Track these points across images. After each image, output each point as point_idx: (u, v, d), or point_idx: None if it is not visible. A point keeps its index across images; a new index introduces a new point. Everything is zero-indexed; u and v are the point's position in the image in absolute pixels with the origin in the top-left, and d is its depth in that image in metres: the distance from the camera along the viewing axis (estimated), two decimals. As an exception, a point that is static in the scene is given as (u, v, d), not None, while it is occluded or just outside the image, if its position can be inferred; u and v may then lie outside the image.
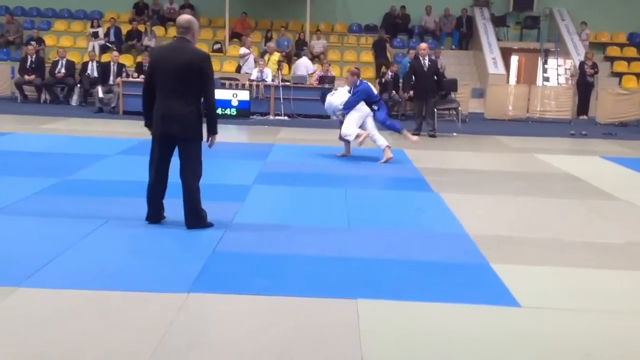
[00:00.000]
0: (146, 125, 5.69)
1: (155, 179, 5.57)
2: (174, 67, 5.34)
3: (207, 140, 5.62)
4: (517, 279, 4.57)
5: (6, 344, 3.35)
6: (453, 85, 14.71)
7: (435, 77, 12.69)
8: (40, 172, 7.67)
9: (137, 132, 6.25)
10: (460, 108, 14.41)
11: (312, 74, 16.07)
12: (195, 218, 5.54)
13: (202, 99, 5.46)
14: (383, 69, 16.99)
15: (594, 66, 17.07)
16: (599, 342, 3.63)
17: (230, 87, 14.62)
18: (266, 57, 16.20)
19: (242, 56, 16.86)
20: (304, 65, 16.43)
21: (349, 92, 9.67)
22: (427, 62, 12.55)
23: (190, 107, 5.39)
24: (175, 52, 5.44)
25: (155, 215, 5.68)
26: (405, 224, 6.09)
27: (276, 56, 16.42)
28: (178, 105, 5.37)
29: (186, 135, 5.43)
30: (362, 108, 9.52)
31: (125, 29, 19.17)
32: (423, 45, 13.07)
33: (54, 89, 16.06)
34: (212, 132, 5.59)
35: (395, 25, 20.34)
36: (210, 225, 5.60)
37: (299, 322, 3.76)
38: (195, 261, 4.69)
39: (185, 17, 5.58)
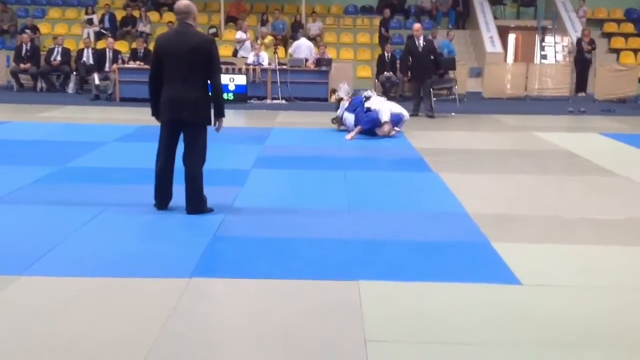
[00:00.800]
0: (153, 114, 5.64)
1: (164, 165, 5.55)
2: (182, 52, 5.36)
3: (214, 124, 5.61)
4: (518, 256, 4.57)
5: (8, 333, 3.35)
6: (451, 63, 14.65)
7: (433, 57, 12.64)
8: (38, 161, 7.65)
9: (134, 118, 6.24)
10: (456, 87, 14.36)
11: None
12: (197, 204, 5.54)
13: (208, 83, 5.46)
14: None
15: (592, 43, 16.99)
16: (601, 318, 3.64)
17: (227, 71, 14.55)
18: (259, 41, 16.10)
19: (239, 41, 16.74)
20: (306, 46, 16.03)
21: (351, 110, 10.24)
22: (422, 42, 12.50)
23: (198, 92, 5.42)
24: (181, 38, 5.42)
25: (164, 201, 5.64)
26: (405, 204, 6.08)
27: (268, 39, 16.30)
28: (187, 90, 5.38)
29: (195, 119, 5.45)
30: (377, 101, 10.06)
31: (119, 15, 19.05)
32: (416, 25, 13.01)
33: (50, 77, 15.98)
34: (221, 114, 5.60)
35: (392, 5, 20.22)
36: (210, 210, 5.60)
37: (301, 304, 3.76)
38: (196, 246, 4.69)
39: (183, 2, 5.51)
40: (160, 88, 5.47)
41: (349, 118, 10.24)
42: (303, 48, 15.88)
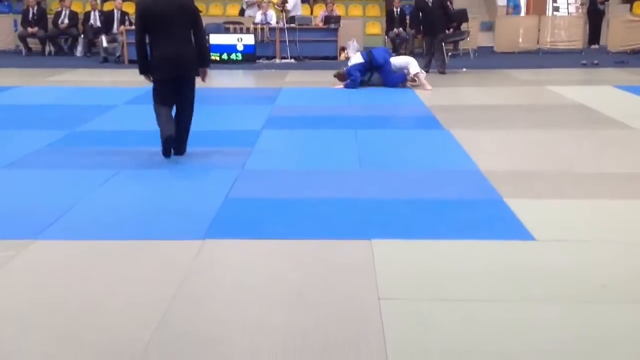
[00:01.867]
0: (142, 72, 6.00)
1: (166, 115, 5.96)
2: (171, 13, 5.81)
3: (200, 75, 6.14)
4: (532, 212, 4.55)
5: (25, 296, 3.39)
6: (463, 15, 14.40)
7: (444, 11, 12.44)
8: (48, 125, 7.65)
9: (144, 81, 6.22)
10: (468, 38, 14.18)
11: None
12: (185, 145, 6.12)
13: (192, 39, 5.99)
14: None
15: (605, -7, 16.67)
16: (616, 273, 3.63)
17: (235, 31, 14.41)
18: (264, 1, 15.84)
19: (248, 2, 16.41)
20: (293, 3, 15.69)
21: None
22: (430, -3, 12.28)
23: (189, 47, 5.97)
24: (166, 0, 5.82)
25: (170, 148, 6.04)
26: (417, 162, 6.05)
27: (276, -2, 16.08)
28: (181, 48, 5.89)
29: (189, 72, 6.01)
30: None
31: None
32: None
33: (57, 40, 15.90)
34: (207, 64, 6.22)
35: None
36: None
37: (314, 264, 3.77)
38: (209, 208, 4.70)
39: None
40: (146, 47, 5.92)
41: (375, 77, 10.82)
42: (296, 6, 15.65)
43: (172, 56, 5.85)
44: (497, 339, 2.94)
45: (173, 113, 6.09)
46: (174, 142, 6.00)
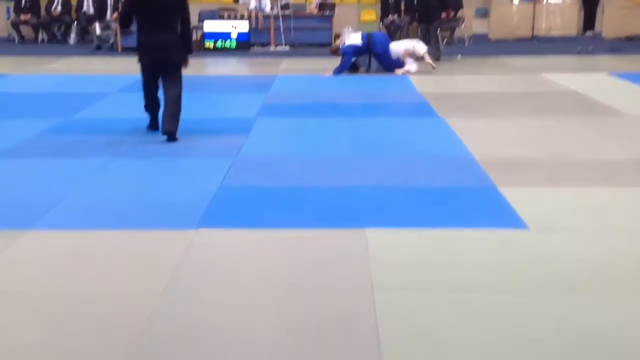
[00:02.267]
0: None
1: (152, 93, 6.47)
2: (160, 4, 6.17)
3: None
4: (525, 200, 4.56)
5: (16, 286, 3.38)
6: (458, 2, 14.36)
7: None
8: (41, 113, 7.62)
9: (137, 68, 6.22)
10: (463, 25, 14.17)
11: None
12: (177, 121, 6.24)
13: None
14: None
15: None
16: (609, 261, 3.64)
17: (229, 17, 14.33)
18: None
19: None
20: None
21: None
22: (425, -16, 12.23)
23: (172, 35, 6.30)
24: None
25: (156, 122, 6.51)
26: (411, 150, 6.05)
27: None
28: (161, 35, 6.22)
29: (171, 59, 6.31)
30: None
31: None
32: None
33: (50, 27, 15.80)
34: (189, 52, 6.49)
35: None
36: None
37: (308, 253, 3.77)
38: (203, 196, 4.70)
39: None
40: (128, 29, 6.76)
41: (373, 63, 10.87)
42: None
43: (153, 42, 6.21)
44: (490, 328, 2.94)
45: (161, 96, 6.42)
46: (164, 122, 6.24)
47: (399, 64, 10.62)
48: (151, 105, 6.52)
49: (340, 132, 6.73)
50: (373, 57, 10.75)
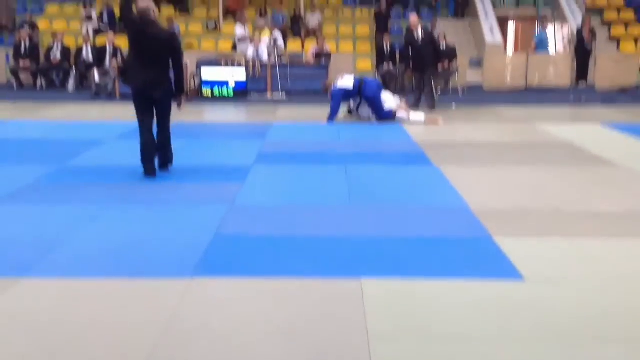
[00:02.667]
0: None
1: (143, 129, 6.63)
2: (155, 42, 6.52)
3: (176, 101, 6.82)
4: (521, 251, 4.56)
5: (9, 336, 3.35)
6: (453, 53, 14.59)
7: (433, 48, 12.61)
8: (38, 160, 7.64)
9: (134, 116, 6.28)
10: (457, 74, 14.37)
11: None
12: (171, 158, 6.86)
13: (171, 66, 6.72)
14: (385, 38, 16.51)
15: (592, 34, 16.78)
16: (604, 312, 3.63)
17: (227, 64, 14.49)
18: (256, 35, 15.98)
19: (240, 38, 16.48)
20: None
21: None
22: (420, 34, 12.43)
23: (161, 73, 6.63)
24: (153, 31, 6.56)
25: (152, 168, 6.67)
26: (407, 199, 6.07)
27: (266, 32, 16.25)
28: (150, 72, 6.54)
29: (165, 96, 6.68)
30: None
31: (119, 9, 18.93)
32: (412, 18, 12.81)
33: (49, 74, 15.95)
34: (182, 90, 6.87)
35: (391, -5, 20.11)
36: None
37: (304, 302, 3.75)
38: (198, 244, 4.69)
39: (145, 2, 6.60)
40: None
41: (364, 108, 10.93)
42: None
43: (142, 78, 6.56)
44: (486, 381, 2.92)
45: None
46: (157, 150, 6.68)
47: (390, 114, 10.66)
48: (142, 137, 6.64)
49: (336, 180, 6.76)
50: (364, 101, 10.79)
